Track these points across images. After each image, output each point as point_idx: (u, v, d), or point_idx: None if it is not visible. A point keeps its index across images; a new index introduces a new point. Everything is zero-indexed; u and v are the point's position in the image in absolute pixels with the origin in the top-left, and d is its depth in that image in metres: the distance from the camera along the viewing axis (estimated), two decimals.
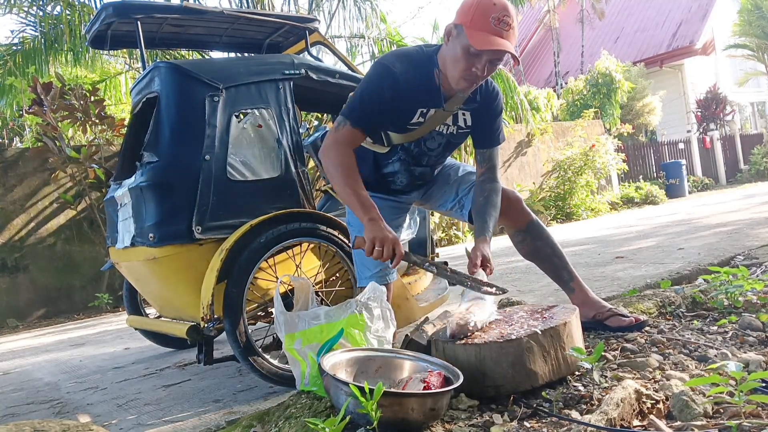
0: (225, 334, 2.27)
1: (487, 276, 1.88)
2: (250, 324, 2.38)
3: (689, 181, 14.22)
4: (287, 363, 2.00)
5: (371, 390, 1.34)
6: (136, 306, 3.49)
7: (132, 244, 2.45)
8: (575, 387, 1.59)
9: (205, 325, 2.20)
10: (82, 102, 6.35)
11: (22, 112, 7.73)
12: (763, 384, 1.35)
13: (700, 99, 16.82)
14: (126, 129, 3.04)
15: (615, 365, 1.73)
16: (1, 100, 7.34)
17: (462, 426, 1.43)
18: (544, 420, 1.44)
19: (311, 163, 3.69)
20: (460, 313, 1.76)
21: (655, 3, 19.51)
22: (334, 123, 1.94)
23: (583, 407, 1.48)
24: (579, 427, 1.30)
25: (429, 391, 1.44)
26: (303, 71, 2.65)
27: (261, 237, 2.31)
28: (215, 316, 2.22)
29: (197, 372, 2.88)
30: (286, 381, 2.26)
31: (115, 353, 3.78)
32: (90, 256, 6.81)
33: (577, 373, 1.67)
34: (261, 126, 2.51)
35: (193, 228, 2.29)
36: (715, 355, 1.74)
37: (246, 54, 3.82)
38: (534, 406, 1.52)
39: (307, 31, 3.26)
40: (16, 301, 6.47)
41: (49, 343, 4.70)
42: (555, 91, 14.82)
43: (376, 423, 1.33)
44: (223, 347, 3.03)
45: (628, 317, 2.08)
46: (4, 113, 7.91)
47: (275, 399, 2.18)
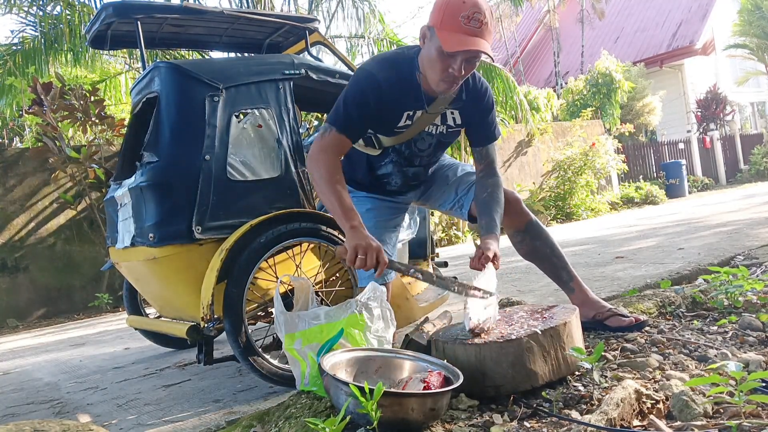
0: (225, 334, 2.27)
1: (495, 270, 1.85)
2: (250, 324, 2.38)
3: (689, 181, 14.22)
4: (287, 363, 2.00)
5: (371, 390, 1.34)
6: (136, 306, 3.49)
7: (132, 244, 2.45)
8: (575, 387, 1.59)
9: (205, 325, 2.20)
10: (82, 102, 6.35)
11: (22, 112, 7.72)
12: (763, 384, 1.35)
13: (700, 99, 16.83)
14: (126, 129, 3.03)
15: (615, 365, 1.73)
16: (1, 100, 7.33)
17: (462, 426, 1.43)
18: (544, 420, 1.44)
19: None
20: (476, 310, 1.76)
21: (655, 3, 19.51)
22: (319, 130, 1.94)
23: (583, 407, 1.48)
24: (579, 427, 1.30)
25: (429, 391, 1.45)
26: (303, 71, 2.64)
27: (261, 237, 2.31)
28: (215, 316, 2.22)
29: (197, 372, 2.88)
30: (286, 381, 2.26)
31: (115, 353, 3.78)
32: (90, 256, 6.81)
33: (577, 373, 1.67)
34: (261, 126, 2.51)
35: (193, 228, 2.29)
36: (715, 355, 1.74)
37: (246, 54, 3.82)
38: (534, 406, 1.52)
39: (307, 31, 3.26)
40: (16, 301, 6.48)
41: (49, 343, 4.70)
42: (555, 91, 14.82)
43: (376, 423, 1.33)
44: (223, 347, 3.03)
45: (627, 317, 2.08)
46: (4, 113, 7.90)
47: (275, 399, 2.18)
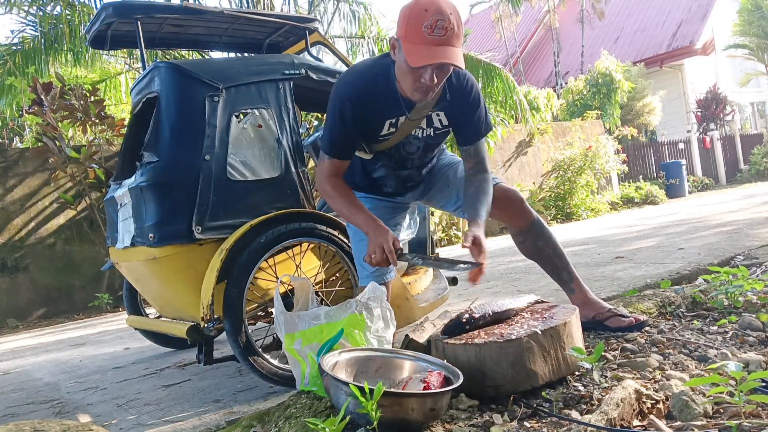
0: (225, 334, 2.27)
1: (478, 257, 1.77)
2: (250, 324, 2.38)
3: (689, 181, 14.22)
4: (287, 363, 2.00)
5: (371, 390, 1.34)
6: (136, 306, 3.49)
7: (132, 244, 2.45)
8: (575, 387, 1.59)
9: (205, 325, 2.20)
10: (82, 102, 6.36)
11: (22, 112, 7.72)
12: (763, 384, 1.35)
13: (700, 99, 16.83)
14: (126, 129, 3.03)
15: (615, 365, 1.73)
16: (1, 100, 7.33)
17: (462, 426, 1.43)
18: (544, 420, 1.44)
19: (311, 163, 3.69)
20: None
21: (655, 3, 19.51)
22: (319, 155, 2.04)
23: (583, 407, 1.48)
24: (579, 427, 1.30)
25: (429, 391, 1.45)
26: (303, 71, 2.65)
27: (261, 237, 2.31)
28: (215, 316, 2.22)
29: (197, 372, 2.88)
30: (286, 381, 2.26)
31: (115, 353, 3.78)
32: (90, 256, 6.81)
33: (577, 373, 1.67)
34: (261, 126, 2.51)
35: (193, 228, 2.29)
36: (715, 355, 1.74)
37: (246, 54, 3.82)
38: (534, 406, 1.52)
39: (307, 31, 3.26)
40: (16, 301, 6.48)
41: (49, 343, 4.70)
42: (555, 91, 14.82)
43: (376, 423, 1.33)
44: (223, 347, 3.03)
45: (627, 317, 2.08)
46: (4, 113, 7.90)
47: (275, 399, 2.18)
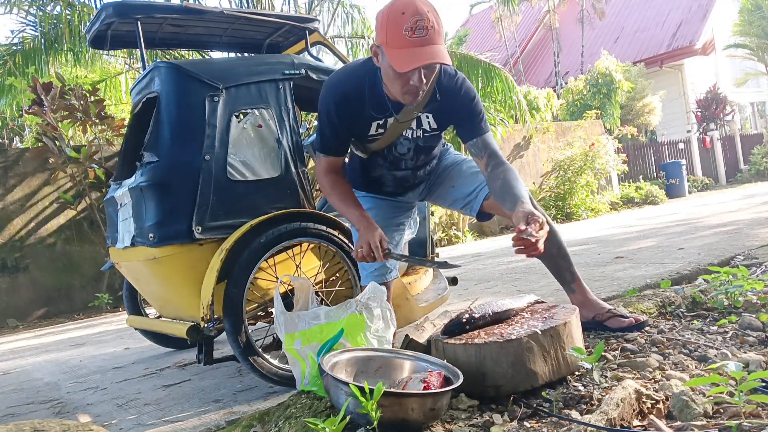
0: (225, 334, 2.27)
1: (537, 230, 1.61)
2: (250, 324, 2.38)
3: (689, 181, 14.22)
4: (287, 363, 2.00)
5: (371, 390, 1.34)
6: (136, 306, 3.49)
7: (132, 244, 2.45)
8: (575, 387, 1.59)
9: (205, 325, 2.20)
10: (82, 102, 6.36)
11: (22, 112, 7.72)
12: (763, 384, 1.35)
13: (700, 99, 16.83)
14: (126, 129, 3.03)
15: (615, 365, 1.73)
16: (1, 100, 7.33)
17: (462, 426, 1.43)
18: (544, 420, 1.44)
19: (311, 163, 3.69)
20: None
21: (655, 3, 19.51)
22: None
23: (583, 407, 1.48)
24: (579, 427, 1.30)
25: (429, 391, 1.45)
26: (303, 71, 2.65)
27: (261, 237, 2.31)
28: (215, 316, 2.22)
29: (197, 372, 2.88)
30: (286, 381, 2.26)
31: (115, 353, 3.78)
32: (90, 256, 6.81)
33: (577, 373, 1.67)
34: (261, 126, 2.51)
35: (193, 228, 2.29)
36: (715, 355, 1.74)
37: (246, 54, 3.82)
38: (534, 406, 1.52)
39: (307, 31, 3.26)
40: (16, 301, 6.48)
41: (49, 343, 4.70)
42: (555, 91, 14.81)
43: (376, 423, 1.33)
44: (223, 347, 3.03)
45: (627, 318, 2.08)
46: (4, 113, 7.90)
47: (275, 399, 2.18)
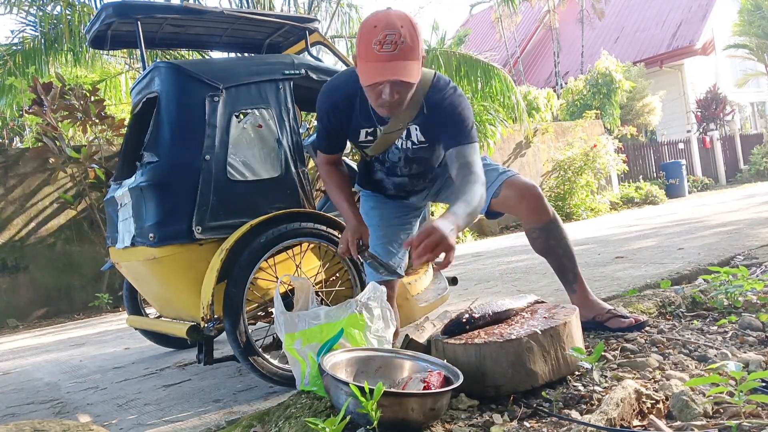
0: (225, 334, 2.27)
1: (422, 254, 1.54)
2: (250, 324, 2.38)
3: (689, 181, 14.22)
4: (287, 363, 2.00)
5: (371, 390, 1.34)
6: (136, 306, 3.49)
7: (132, 244, 2.45)
8: (575, 387, 1.59)
9: (205, 325, 2.20)
10: (82, 102, 6.36)
11: (22, 112, 7.72)
12: (763, 384, 1.35)
13: (700, 99, 16.83)
14: (126, 129, 3.03)
15: (615, 365, 1.73)
16: (1, 100, 7.33)
17: (462, 426, 1.43)
18: (544, 420, 1.44)
19: (311, 163, 3.68)
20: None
21: (655, 3, 19.51)
22: None
23: (583, 407, 1.48)
24: (579, 427, 1.30)
25: (429, 391, 1.45)
26: (303, 71, 2.65)
27: (261, 237, 2.32)
28: (215, 316, 2.22)
29: (197, 372, 2.88)
30: (286, 381, 2.26)
31: (115, 353, 3.78)
32: (90, 256, 6.81)
33: (577, 373, 1.67)
34: (261, 126, 2.51)
35: (193, 228, 2.29)
36: (715, 355, 1.74)
37: (246, 54, 3.82)
38: (534, 406, 1.52)
39: (307, 31, 3.26)
40: (16, 301, 6.47)
41: (49, 343, 4.70)
42: (555, 91, 14.82)
43: (376, 423, 1.33)
44: (223, 347, 3.03)
45: (627, 318, 2.08)
46: (4, 113, 7.90)
47: (275, 399, 2.18)
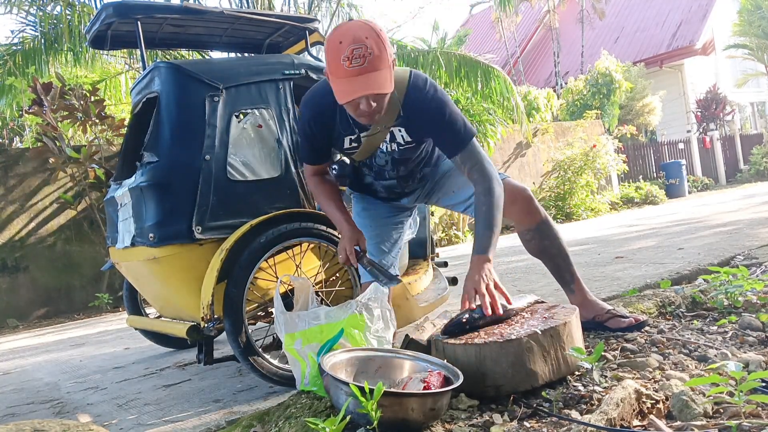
0: (225, 334, 2.27)
1: (484, 301, 1.72)
2: (250, 324, 2.38)
3: (689, 181, 14.22)
4: (287, 363, 2.00)
5: (371, 390, 1.34)
6: (136, 306, 3.49)
7: (132, 244, 2.45)
8: (575, 387, 1.59)
9: (205, 325, 2.20)
10: (82, 102, 6.35)
11: (22, 112, 7.72)
12: (763, 384, 1.35)
13: (700, 99, 16.83)
14: (126, 129, 3.03)
15: (615, 365, 1.73)
16: (1, 100, 7.33)
17: (462, 426, 1.43)
18: (544, 420, 1.44)
19: None
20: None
21: (655, 3, 19.51)
22: None
23: (583, 407, 1.48)
24: (579, 427, 1.30)
25: (429, 391, 1.45)
26: (303, 71, 2.65)
27: (261, 237, 2.32)
28: (215, 316, 2.22)
29: (197, 372, 2.88)
30: (286, 381, 2.26)
31: (115, 353, 3.78)
32: (90, 256, 6.81)
33: (577, 373, 1.67)
34: (261, 126, 2.52)
35: (194, 228, 2.29)
36: (715, 355, 1.74)
37: (246, 54, 3.82)
38: (534, 406, 1.52)
39: (307, 31, 3.26)
40: (16, 301, 6.48)
41: (49, 343, 4.70)
42: (555, 91, 14.82)
43: (376, 423, 1.33)
44: (223, 347, 3.03)
45: (627, 318, 2.08)
46: (4, 113, 7.90)
47: (275, 399, 2.18)
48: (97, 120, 6.50)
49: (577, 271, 2.21)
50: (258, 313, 2.59)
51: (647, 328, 2.07)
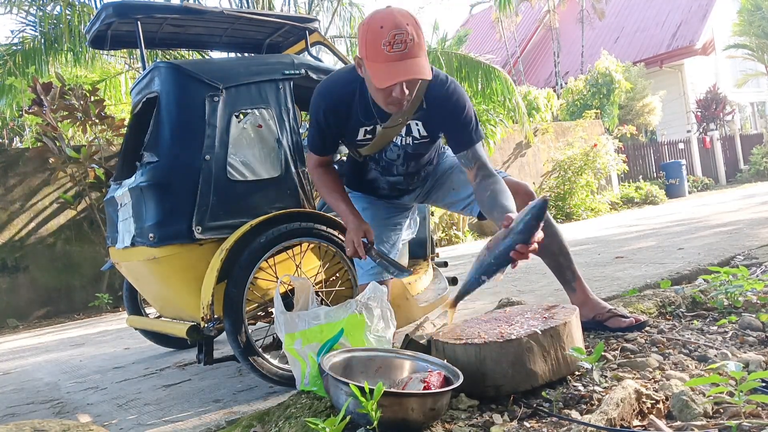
0: (225, 334, 2.27)
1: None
2: (250, 324, 2.38)
3: (689, 181, 14.22)
4: (287, 363, 2.00)
5: (371, 390, 1.34)
6: (136, 306, 3.49)
7: (132, 244, 2.45)
8: (575, 387, 1.59)
9: (205, 325, 2.20)
10: (82, 102, 6.35)
11: (22, 112, 7.72)
12: (763, 384, 1.35)
13: (700, 99, 16.83)
14: (126, 129, 3.03)
15: (615, 365, 1.73)
16: (1, 100, 7.33)
17: (462, 426, 1.43)
18: (544, 420, 1.44)
19: None
20: None
21: (655, 3, 19.51)
22: None
23: (583, 407, 1.48)
24: (579, 427, 1.30)
25: (429, 391, 1.45)
26: (303, 71, 2.65)
27: (261, 237, 2.32)
28: (215, 316, 2.22)
29: (197, 372, 2.88)
30: (286, 381, 2.26)
31: (115, 353, 3.78)
32: (90, 256, 6.81)
33: (577, 373, 1.67)
34: (261, 126, 2.52)
35: (193, 228, 2.29)
36: (715, 355, 1.74)
37: (246, 54, 3.82)
38: (534, 406, 1.52)
39: (307, 31, 3.26)
40: (16, 301, 6.47)
41: (49, 343, 4.70)
42: (555, 91, 14.82)
43: (376, 423, 1.33)
44: (223, 347, 3.04)
45: (627, 318, 2.08)
46: (4, 113, 7.90)
47: (275, 399, 2.18)
48: (97, 120, 6.50)
49: (578, 270, 2.21)
50: (258, 313, 2.59)
51: (647, 328, 2.07)
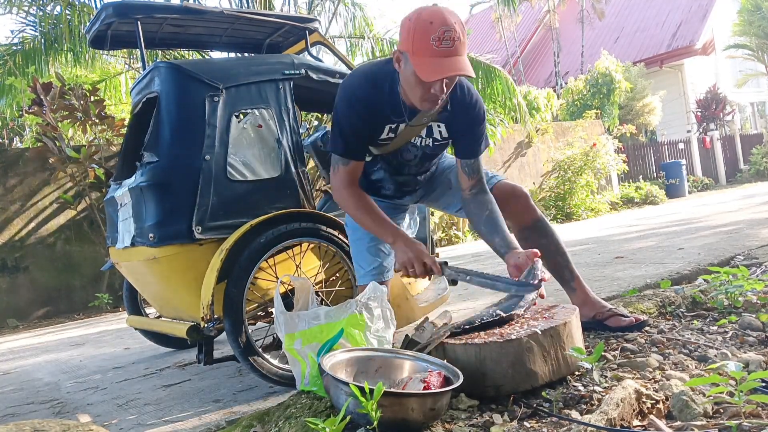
0: (225, 334, 2.27)
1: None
2: (250, 324, 2.38)
3: (689, 181, 14.22)
4: (287, 363, 2.00)
5: (371, 390, 1.34)
6: (136, 306, 3.49)
7: (132, 244, 2.45)
8: (575, 387, 1.59)
9: (205, 325, 2.20)
10: (82, 102, 6.35)
11: (22, 112, 7.72)
12: (763, 384, 1.35)
13: (700, 99, 16.84)
14: (126, 129, 3.03)
15: (615, 365, 1.73)
16: (1, 100, 7.33)
17: (462, 426, 1.43)
18: (544, 420, 1.44)
19: (311, 163, 3.69)
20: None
21: (655, 3, 19.52)
22: (331, 164, 2.01)
23: (583, 407, 1.48)
24: (579, 427, 1.30)
25: (429, 391, 1.44)
26: (303, 71, 2.65)
27: (261, 237, 2.32)
28: (215, 316, 2.22)
29: (197, 372, 2.88)
30: (286, 381, 2.26)
31: (115, 353, 3.78)
32: (90, 256, 6.81)
33: (577, 373, 1.67)
34: (261, 126, 2.52)
35: (194, 228, 2.29)
36: (715, 355, 1.74)
37: (246, 54, 3.82)
38: (534, 406, 1.52)
39: (307, 31, 3.26)
40: (16, 301, 6.47)
41: (49, 343, 4.70)
42: (555, 91, 14.83)
43: (376, 423, 1.33)
44: (223, 347, 3.04)
45: (628, 317, 2.08)
46: (4, 113, 7.90)
47: (275, 399, 2.18)
48: (97, 120, 6.50)
49: (576, 269, 2.21)
50: (258, 313, 2.59)
51: (647, 328, 2.07)
